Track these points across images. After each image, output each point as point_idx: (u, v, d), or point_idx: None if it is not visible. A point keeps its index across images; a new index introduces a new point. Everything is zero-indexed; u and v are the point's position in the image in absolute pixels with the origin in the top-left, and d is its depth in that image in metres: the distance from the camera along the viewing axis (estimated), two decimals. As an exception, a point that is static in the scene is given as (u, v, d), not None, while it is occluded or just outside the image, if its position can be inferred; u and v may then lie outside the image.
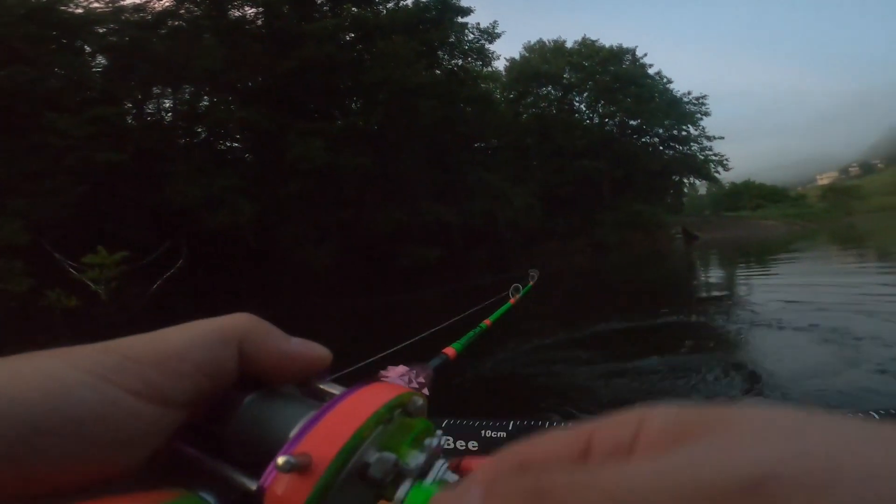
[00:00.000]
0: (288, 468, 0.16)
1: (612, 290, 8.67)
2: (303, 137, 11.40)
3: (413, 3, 17.35)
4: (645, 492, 0.12)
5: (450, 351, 1.30)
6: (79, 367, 0.17)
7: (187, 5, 13.09)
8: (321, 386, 0.21)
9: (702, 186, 46.93)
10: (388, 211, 13.16)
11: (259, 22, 13.91)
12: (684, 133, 29.15)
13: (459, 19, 18.54)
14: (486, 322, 1.93)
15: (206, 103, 13.35)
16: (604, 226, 23.70)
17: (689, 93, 29.28)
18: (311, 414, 0.18)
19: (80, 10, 11.51)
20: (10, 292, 7.31)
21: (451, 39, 19.01)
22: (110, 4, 12.18)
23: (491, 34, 20.26)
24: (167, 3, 13.03)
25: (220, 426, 0.20)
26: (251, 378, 0.21)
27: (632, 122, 28.73)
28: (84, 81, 11.04)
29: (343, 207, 12.04)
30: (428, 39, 16.94)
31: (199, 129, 12.82)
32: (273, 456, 0.17)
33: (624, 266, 14.29)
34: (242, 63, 12.38)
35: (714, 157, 29.73)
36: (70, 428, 0.16)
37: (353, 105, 15.17)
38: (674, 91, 29.43)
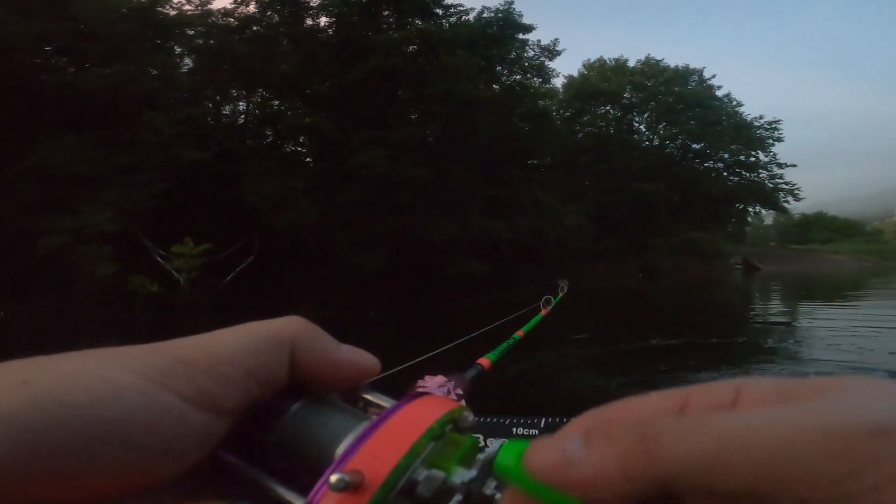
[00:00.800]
0: (341, 487, 0.16)
1: (658, 311, 8.50)
2: (364, 145, 11.95)
3: (475, 18, 17.87)
4: (772, 430, 0.12)
5: (485, 362, 1.32)
6: (130, 370, 0.17)
7: (269, 12, 14.02)
8: (367, 396, 0.21)
9: (768, 216, 44.38)
10: (439, 221, 13.47)
11: (330, 31, 14.64)
12: (752, 159, 27.79)
13: (520, 36, 18.84)
14: (519, 333, 1.97)
15: (276, 107, 14.23)
16: (656, 250, 23.00)
17: (760, 117, 27.93)
18: (362, 428, 0.18)
19: (174, 12, 12.59)
20: (98, 275, 8.12)
21: (512, 55, 19.29)
22: (199, 7, 13.23)
23: (551, 51, 20.38)
24: (252, 9, 14.05)
25: (264, 435, 0.19)
26: (298, 384, 0.20)
27: (695, 146, 27.76)
28: (173, 81, 12.07)
29: (397, 215, 12.45)
30: (489, 55, 17.29)
31: (269, 132, 13.68)
32: (318, 469, 0.17)
33: (674, 291, 13.87)
34: (313, 70, 13.11)
35: (784, 186, 28.08)
36: (120, 437, 0.16)
37: (414, 116, 15.67)
38: (744, 115, 28.18)
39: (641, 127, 28.85)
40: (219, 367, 0.18)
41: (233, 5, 14.05)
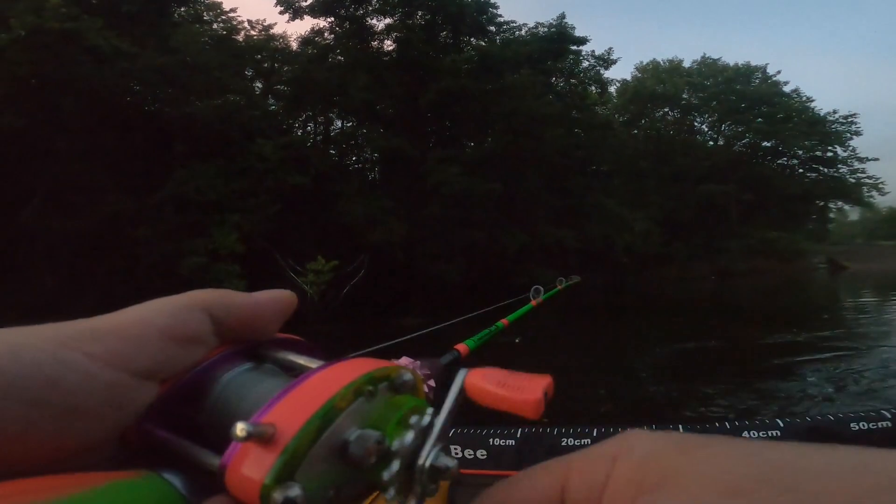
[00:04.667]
0: (245, 436, 0.15)
1: (737, 311, 8.64)
2: (440, 164, 12.88)
3: (528, 33, 18.49)
4: None
5: (462, 347, 1.26)
6: (33, 334, 0.16)
7: (344, 41, 15.31)
8: (303, 363, 0.20)
9: (853, 212, 41.47)
10: (511, 233, 14.12)
11: (394, 55, 15.61)
12: (830, 154, 26.42)
13: (574, 47, 19.28)
14: (504, 322, 1.88)
15: (355, 131, 15.44)
16: (729, 252, 22.35)
17: (834, 111, 26.59)
18: (284, 387, 0.17)
19: (257, 37, 13.84)
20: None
21: (569, 68, 19.77)
22: (263, 33, 14.60)
23: (606, 60, 20.68)
24: (328, 39, 15.38)
25: (192, 406, 0.19)
26: (235, 352, 0.20)
27: (765, 144, 26.78)
28: (267, 110, 13.48)
29: (472, 228, 13.23)
30: (547, 69, 17.88)
31: (354, 157, 14.93)
32: None
33: (750, 293, 13.64)
34: (385, 94, 14.21)
35: (867, 180, 26.42)
36: (23, 394, 0.15)
37: (484, 133, 16.50)
38: (816, 110, 26.93)
39: (704, 127, 28.22)
40: (128, 328, 0.18)
41: (309, 34, 15.50)
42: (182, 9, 13.38)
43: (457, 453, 1.04)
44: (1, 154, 9.00)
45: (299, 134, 14.70)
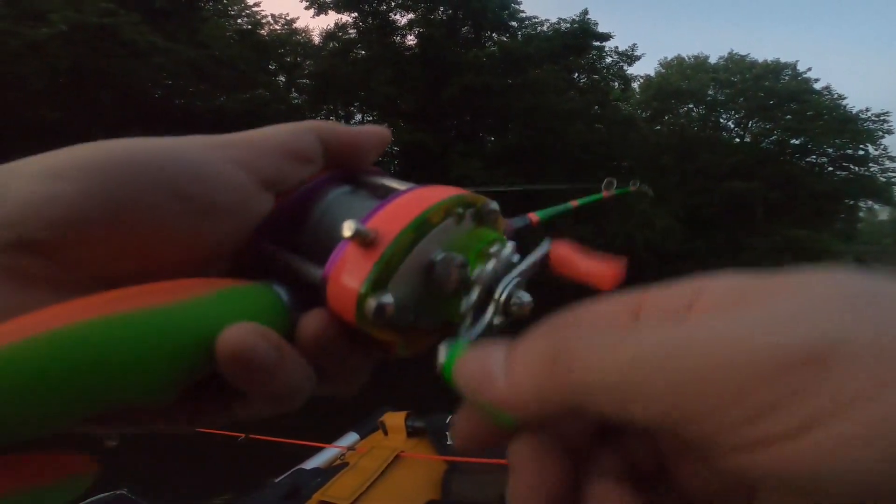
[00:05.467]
0: (352, 235, 0.16)
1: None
2: (463, 157, 12.96)
3: (550, 28, 18.38)
4: (689, 351, 0.11)
5: (534, 217, 1.24)
6: (183, 140, 0.19)
7: (367, 35, 15.42)
8: (397, 186, 0.22)
9: (883, 212, 40.30)
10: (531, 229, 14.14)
11: (416, 50, 15.67)
12: (861, 153, 25.72)
13: (597, 43, 19.10)
14: (574, 203, 1.88)
15: (372, 124, 15.57)
16: (753, 251, 21.95)
17: (867, 109, 25.86)
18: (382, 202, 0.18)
19: (280, 31, 13.96)
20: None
21: (592, 63, 19.60)
22: (285, 27, 14.70)
23: (630, 57, 20.45)
24: (351, 33, 15.49)
25: (299, 222, 0.20)
26: (336, 175, 0.22)
27: (794, 141, 26.17)
28: (293, 104, 13.63)
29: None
30: (569, 65, 17.76)
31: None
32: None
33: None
34: (408, 88, 14.29)
35: (898, 179, 25.66)
36: (174, 185, 0.17)
37: (505, 128, 16.52)
38: (847, 107, 26.21)
39: (730, 124, 27.64)
40: (255, 140, 0.21)
41: (332, 29, 15.65)
42: (210, 4, 13.61)
43: (449, 442, 1.04)
44: (39, 146, 9.32)
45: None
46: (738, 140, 27.10)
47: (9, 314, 0.14)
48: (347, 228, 0.16)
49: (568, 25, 18.18)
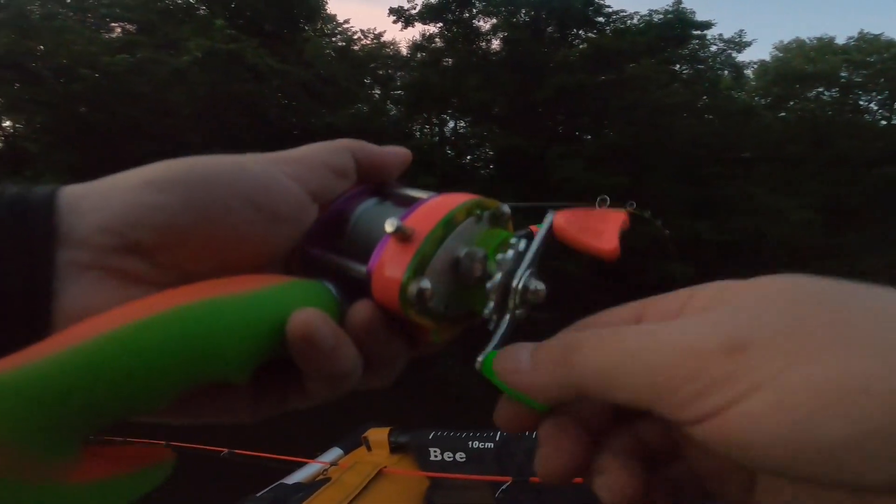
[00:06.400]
0: (394, 230, 0.19)
1: None
2: (562, 159, 12.75)
3: (640, 21, 17.46)
4: (638, 349, 0.14)
5: (534, 229, 1.39)
6: (247, 158, 0.22)
7: (453, 44, 15.81)
8: (419, 195, 0.25)
9: None
10: (638, 226, 13.40)
11: (503, 54, 15.69)
12: None
13: (697, 32, 17.84)
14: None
15: (472, 132, 15.82)
16: (914, 245, 18.54)
17: None
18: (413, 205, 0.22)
19: (371, 45, 14.55)
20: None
21: (693, 51, 18.36)
22: (391, 46, 15.36)
23: (738, 44, 18.86)
24: (438, 43, 15.99)
25: (338, 229, 0.24)
26: (368, 187, 0.25)
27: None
28: (391, 115, 14.26)
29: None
30: (668, 57, 16.79)
31: (469, 156, 15.34)
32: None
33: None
34: (499, 92, 14.38)
35: None
36: (247, 196, 0.20)
37: (606, 126, 16.02)
38: None
39: (872, 106, 24.02)
40: (305, 157, 0.23)
41: (420, 40, 16.26)
42: (309, 24, 14.37)
43: (436, 456, 1.08)
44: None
45: (418, 137, 15.47)
46: (884, 122, 23.54)
47: (114, 308, 0.17)
48: (389, 225, 0.19)
49: (661, 17, 17.31)
